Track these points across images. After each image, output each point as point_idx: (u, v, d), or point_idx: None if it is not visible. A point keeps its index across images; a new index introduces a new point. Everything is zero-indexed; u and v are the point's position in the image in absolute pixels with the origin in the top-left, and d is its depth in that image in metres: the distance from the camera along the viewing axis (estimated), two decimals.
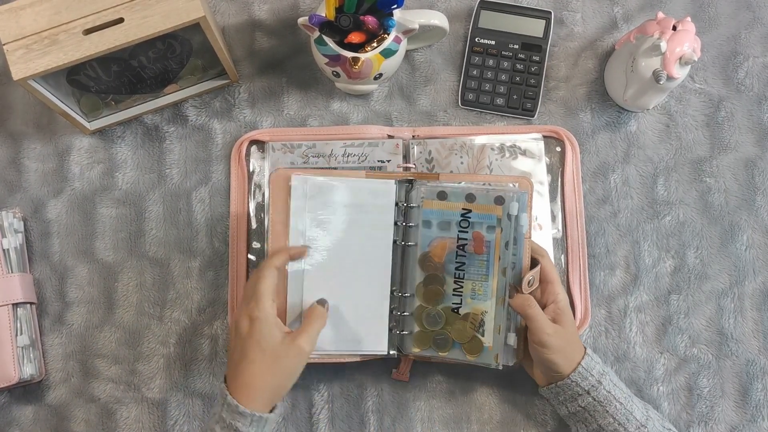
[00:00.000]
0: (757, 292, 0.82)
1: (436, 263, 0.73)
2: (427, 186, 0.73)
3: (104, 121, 0.83)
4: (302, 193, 0.72)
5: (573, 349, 0.70)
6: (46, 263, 0.81)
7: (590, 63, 0.87)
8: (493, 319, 0.72)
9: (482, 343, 0.72)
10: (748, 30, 0.88)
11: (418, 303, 0.74)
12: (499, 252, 0.72)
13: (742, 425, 0.79)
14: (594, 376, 0.69)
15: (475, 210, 0.72)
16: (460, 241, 0.73)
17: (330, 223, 0.73)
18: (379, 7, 0.74)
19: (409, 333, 0.74)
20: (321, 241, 0.73)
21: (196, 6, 0.69)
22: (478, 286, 0.73)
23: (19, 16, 0.69)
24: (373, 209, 0.73)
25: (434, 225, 0.73)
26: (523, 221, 0.71)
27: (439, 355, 0.74)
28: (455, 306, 0.73)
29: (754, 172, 0.84)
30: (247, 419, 0.62)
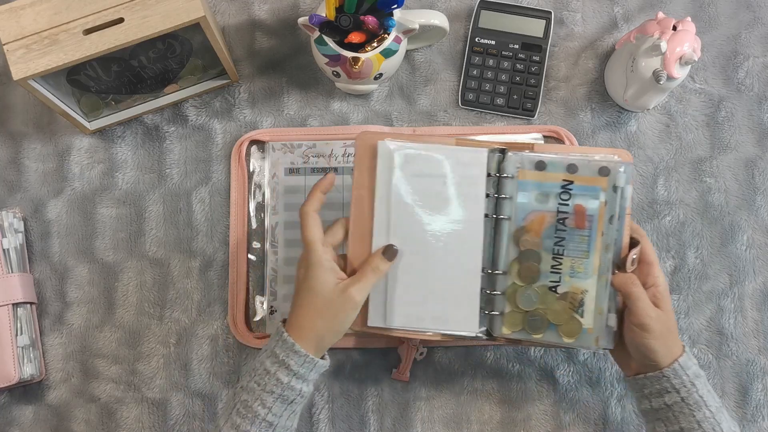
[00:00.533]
0: (757, 292, 0.82)
1: (532, 238, 0.68)
2: (524, 155, 0.68)
3: (104, 121, 0.83)
4: (389, 160, 0.67)
5: (672, 341, 0.66)
6: (46, 263, 0.81)
7: (590, 63, 0.87)
8: (594, 299, 0.67)
9: (581, 325, 0.67)
10: (749, 30, 0.88)
11: (511, 281, 0.69)
12: (603, 227, 0.67)
13: (743, 425, 0.79)
14: (689, 376, 0.65)
15: (578, 182, 0.67)
16: (560, 215, 0.67)
17: (418, 193, 0.67)
18: (379, 7, 0.74)
19: (500, 313, 0.69)
20: (408, 211, 0.68)
21: (196, 6, 0.69)
22: (578, 263, 0.67)
23: (19, 15, 0.69)
24: (463, 180, 0.68)
25: (531, 197, 0.68)
26: (628, 194, 0.67)
27: (532, 338, 0.68)
28: (553, 285, 0.68)
29: (754, 172, 0.84)
30: (301, 358, 0.63)
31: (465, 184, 0.68)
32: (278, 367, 0.64)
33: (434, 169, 0.68)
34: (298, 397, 0.64)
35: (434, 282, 0.69)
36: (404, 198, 0.68)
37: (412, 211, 0.68)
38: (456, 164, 0.68)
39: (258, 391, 0.63)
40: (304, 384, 0.64)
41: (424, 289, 0.69)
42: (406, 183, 0.68)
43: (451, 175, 0.68)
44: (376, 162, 0.67)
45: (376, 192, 0.68)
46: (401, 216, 0.68)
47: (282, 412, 0.64)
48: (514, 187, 0.68)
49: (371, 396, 0.79)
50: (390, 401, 0.79)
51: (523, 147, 0.69)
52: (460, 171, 0.68)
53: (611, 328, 0.67)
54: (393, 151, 0.67)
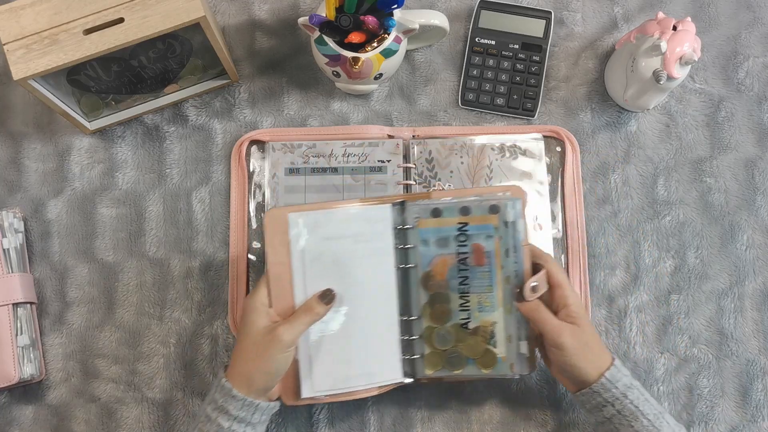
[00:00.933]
0: (758, 292, 0.82)
1: (439, 281, 0.71)
2: (420, 205, 0.71)
3: (104, 121, 0.83)
4: (299, 231, 0.69)
5: (596, 355, 0.68)
6: (46, 263, 0.81)
7: (590, 63, 0.87)
8: (503, 329, 0.71)
9: (496, 355, 0.71)
10: (749, 30, 0.88)
11: (426, 324, 0.72)
12: (501, 260, 0.70)
13: (743, 425, 0.79)
14: (619, 388, 0.67)
15: (472, 222, 0.71)
16: (460, 256, 0.71)
17: (331, 256, 0.70)
18: (380, 7, 0.74)
19: (420, 356, 0.72)
20: (324, 275, 0.70)
21: (196, 6, 0.69)
22: (484, 298, 0.71)
23: (19, 15, 0.69)
24: (371, 236, 0.71)
25: (432, 243, 0.71)
26: (520, 227, 0.70)
27: (453, 374, 0.72)
28: (464, 321, 0.71)
29: (754, 172, 0.84)
30: (239, 402, 0.64)
31: (374, 240, 0.71)
32: (218, 413, 0.64)
33: (344, 231, 0.70)
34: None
35: (355, 339, 0.71)
36: (319, 263, 0.70)
37: (328, 274, 0.70)
38: (364, 223, 0.71)
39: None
40: (248, 427, 0.65)
41: (346, 348, 0.71)
42: (319, 248, 0.70)
43: (360, 234, 0.71)
44: (287, 236, 0.69)
45: (293, 264, 0.69)
46: (318, 281, 0.69)
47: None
48: (415, 236, 0.71)
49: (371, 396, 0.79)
50: (390, 401, 0.79)
51: (420, 197, 0.72)
52: (368, 228, 0.71)
53: (524, 354, 0.71)
54: (302, 221, 0.69)
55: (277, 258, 0.69)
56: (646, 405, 0.67)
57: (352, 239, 0.70)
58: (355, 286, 0.71)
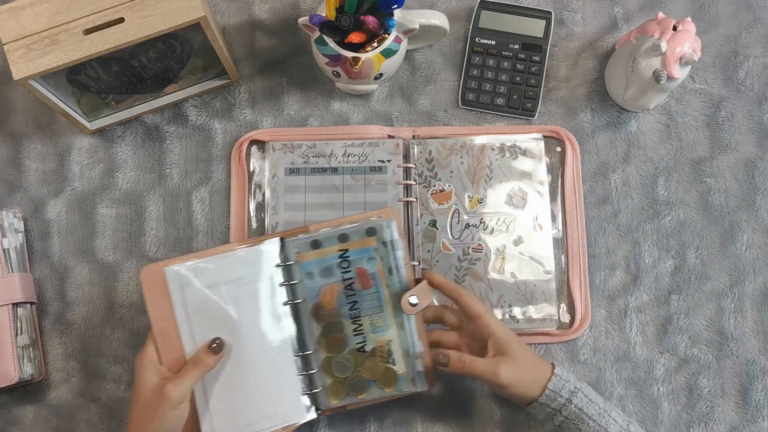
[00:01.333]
0: (758, 292, 0.82)
1: (329, 310, 0.72)
2: (299, 240, 0.71)
3: (104, 121, 0.83)
4: (179, 285, 0.68)
5: (535, 373, 0.69)
6: (46, 263, 0.81)
7: (590, 63, 0.87)
8: (399, 345, 0.72)
9: (396, 372, 0.72)
10: (749, 30, 0.88)
11: (323, 355, 0.72)
12: (386, 280, 0.71)
13: (743, 425, 0.79)
14: (564, 395, 0.68)
15: (351, 248, 0.71)
16: (346, 282, 0.71)
17: (216, 303, 0.69)
18: (380, 7, 0.74)
19: (322, 388, 0.72)
20: (212, 324, 0.69)
21: (197, 6, 0.69)
22: (376, 318, 0.72)
23: (19, 15, 0.69)
24: (253, 278, 0.70)
25: (317, 275, 0.71)
26: (398, 245, 0.71)
27: (358, 399, 0.72)
28: (360, 345, 0.72)
29: (754, 172, 0.84)
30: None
31: (257, 282, 0.70)
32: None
33: (225, 276, 0.69)
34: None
35: (252, 383, 0.70)
36: (204, 313, 0.69)
37: (215, 323, 0.69)
38: (244, 266, 0.70)
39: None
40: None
41: (243, 393, 0.69)
42: (202, 298, 0.69)
43: (242, 277, 0.70)
44: (168, 290, 0.68)
45: (177, 318, 0.68)
46: (206, 331, 0.68)
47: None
48: (299, 271, 0.71)
49: None
50: (390, 401, 0.79)
51: (297, 232, 0.72)
52: (250, 270, 0.70)
53: (421, 372, 0.72)
54: (181, 272, 0.68)
55: (160, 313, 0.68)
56: (590, 406, 0.68)
57: (235, 284, 0.69)
58: (245, 330, 0.69)
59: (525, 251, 0.81)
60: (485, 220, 0.82)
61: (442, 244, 0.81)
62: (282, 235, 0.72)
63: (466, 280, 0.80)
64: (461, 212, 0.82)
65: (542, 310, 0.80)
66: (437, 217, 0.82)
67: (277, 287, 0.71)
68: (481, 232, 0.81)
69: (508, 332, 0.70)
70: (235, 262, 0.70)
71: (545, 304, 0.80)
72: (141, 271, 0.68)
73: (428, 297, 0.72)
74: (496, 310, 0.80)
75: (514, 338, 0.70)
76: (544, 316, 0.80)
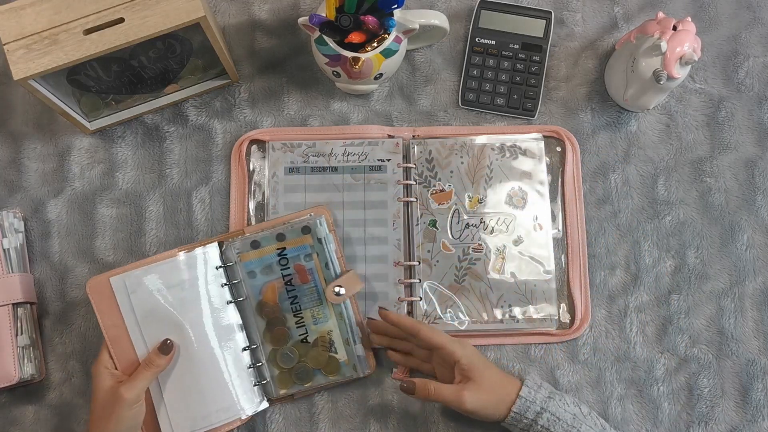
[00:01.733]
0: (758, 292, 0.82)
1: (272, 306, 0.76)
2: (239, 241, 0.76)
3: (104, 121, 0.83)
4: (125, 293, 0.74)
5: (501, 395, 0.70)
6: (46, 263, 0.81)
7: (590, 63, 0.87)
8: (339, 335, 0.76)
9: (338, 360, 0.76)
10: (749, 30, 0.88)
11: (269, 348, 0.76)
12: (323, 274, 0.76)
13: (743, 425, 0.79)
14: (537, 403, 0.70)
15: (289, 246, 0.76)
16: (286, 278, 0.76)
17: (163, 307, 0.74)
18: (380, 7, 0.74)
19: (270, 379, 0.76)
20: (161, 327, 0.73)
21: (197, 6, 0.69)
22: (317, 311, 0.76)
23: (19, 15, 0.69)
24: (194, 281, 0.74)
25: (258, 273, 0.76)
26: (330, 240, 0.76)
27: (305, 387, 0.76)
28: (302, 336, 0.76)
29: (754, 172, 0.84)
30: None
31: (203, 283, 0.75)
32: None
33: (169, 281, 0.74)
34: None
35: (205, 379, 0.74)
36: (152, 317, 0.74)
37: (164, 326, 0.73)
38: (187, 269, 0.75)
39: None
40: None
41: (197, 389, 0.74)
42: (149, 304, 0.74)
43: (186, 281, 0.75)
44: (115, 299, 0.73)
45: (127, 324, 0.73)
46: (156, 334, 0.73)
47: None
48: (241, 270, 0.76)
49: (373, 396, 0.79)
50: (392, 401, 0.79)
51: (234, 234, 0.77)
52: (193, 273, 0.75)
53: (361, 356, 0.77)
54: (125, 282, 0.74)
55: (111, 321, 0.73)
56: (565, 413, 0.70)
57: (179, 287, 0.74)
58: (194, 330, 0.74)
59: (525, 251, 0.81)
60: (485, 220, 0.82)
61: (442, 244, 0.81)
62: (220, 238, 0.77)
63: (466, 280, 0.80)
64: (461, 212, 0.82)
65: (542, 310, 0.80)
66: (437, 217, 0.82)
67: (220, 288, 0.76)
68: (481, 232, 0.81)
69: (472, 357, 0.71)
70: (177, 267, 0.75)
71: (545, 304, 0.80)
72: (87, 284, 0.73)
73: (355, 286, 0.76)
74: (496, 310, 0.80)
75: (480, 362, 0.72)
76: (544, 316, 0.80)
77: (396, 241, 0.80)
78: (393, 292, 0.80)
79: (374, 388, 0.79)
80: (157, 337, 0.73)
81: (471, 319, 0.79)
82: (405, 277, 0.80)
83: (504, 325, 0.80)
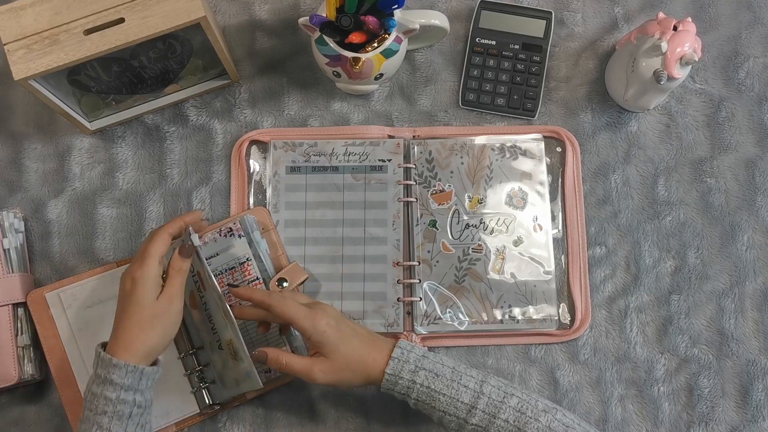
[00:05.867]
0: (758, 292, 0.82)
1: (194, 312, 0.76)
2: None
3: (105, 121, 0.83)
4: (61, 308, 0.76)
5: (364, 363, 0.67)
6: (46, 263, 0.81)
7: (591, 63, 0.87)
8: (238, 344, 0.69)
9: (242, 369, 0.70)
10: (749, 30, 0.88)
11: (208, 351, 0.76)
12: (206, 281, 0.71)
13: (743, 425, 0.79)
14: (411, 362, 0.66)
15: None
16: (197, 284, 0.75)
17: (96, 321, 0.75)
18: (380, 8, 0.74)
19: (212, 381, 0.76)
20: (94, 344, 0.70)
21: (197, 6, 0.69)
22: (217, 317, 0.73)
23: (19, 16, 0.69)
24: None
25: None
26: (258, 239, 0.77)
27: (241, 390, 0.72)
28: (218, 343, 0.74)
29: (754, 172, 0.84)
30: (122, 370, 0.63)
31: None
32: (103, 386, 0.63)
33: (102, 295, 0.77)
34: (135, 408, 0.64)
35: None
36: (87, 331, 0.76)
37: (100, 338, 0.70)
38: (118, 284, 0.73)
39: (92, 417, 0.63)
40: (137, 394, 0.64)
41: None
42: (83, 318, 0.76)
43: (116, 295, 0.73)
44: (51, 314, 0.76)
45: (61, 336, 0.76)
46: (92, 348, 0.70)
47: (124, 429, 0.64)
48: None
49: (374, 396, 0.79)
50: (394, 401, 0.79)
51: None
52: None
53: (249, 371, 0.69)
54: (60, 297, 0.76)
55: (49, 332, 0.76)
56: (437, 381, 0.66)
57: (113, 300, 0.71)
58: None
59: (525, 251, 0.81)
60: (485, 221, 0.82)
61: (442, 245, 0.81)
62: None
63: (465, 280, 0.80)
64: (461, 212, 0.82)
65: (542, 311, 0.80)
66: (437, 218, 0.82)
67: None
68: (481, 232, 0.81)
69: (325, 333, 0.67)
70: (111, 281, 0.76)
71: (545, 304, 0.80)
72: (27, 297, 0.76)
73: (298, 276, 0.76)
74: (496, 311, 0.80)
75: (335, 337, 0.67)
76: (544, 316, 0.80)
77: (395, 241, 0.81)
78: (392, 292, 0.80)
79: (376, 388, 0.79)
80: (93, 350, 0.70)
81: (471, 319, 0.79)
82: (404, 278, 0.80)
83: (504, 325, 0.80)
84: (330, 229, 0.81)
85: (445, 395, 0.65)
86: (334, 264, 0.80)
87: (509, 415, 0.64)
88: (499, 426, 0.64)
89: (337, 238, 0.81)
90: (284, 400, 0.78)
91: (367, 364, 0.67)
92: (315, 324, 0.67)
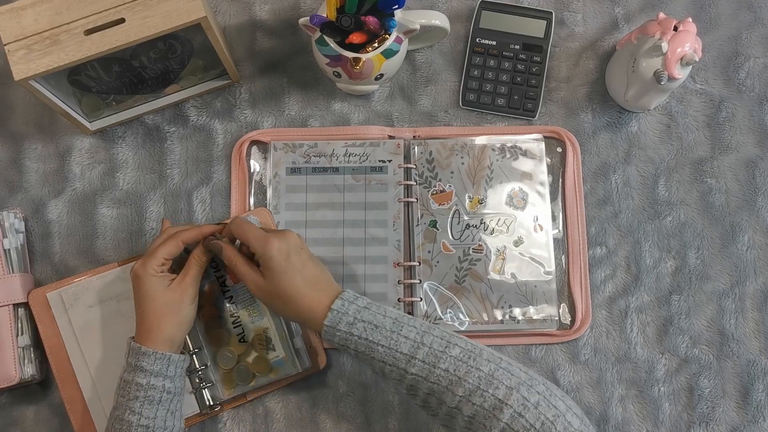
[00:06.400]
0: (758, 292, 0.82)
1: (209, 309, 0.76)
2: None
3: (105, 122, 0.83)
4: (62, 307, 0.76)
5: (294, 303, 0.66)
6: (47, 263, 0.81)
7: (591, 63, 0.87)
8: (275, 332, 0.76)
9: (278, 357, 0.75)
10: (749, 30, 0.88)
11: (211, 351, 0.76)
12: None
13: (743, 426, 0.79)
14: (350, 314, 0.65)
15: None
16: (220, 280, 0.76)
17: (98, 321, 0.76)
18: (380, 8, 0.74)
19: (214, 382, 0.76)
20: (96, 339, 0.75)
21: (197, 6, 0.69)
22: (252, 309, 0.76)
23: (20, 16, 0.69)
24: (129, 294, 0.73)
25: None
26: None
27: (250, 387, 0.76)
28: (240, 336, 0.76)
29: (755, 172, 0.84)
30: (151, 357, 0.67)
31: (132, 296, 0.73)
32: (134, 373, 0.67)
33: (104, 295, 0.77)
34: (165, 394, 0.67)
35: None
36: (89, 330, 0.76)
37: (101, 338, 0.74)
38: (120, 282, 0.77)
39: (124, 403, 0.67)
40: (166, 380, 0.67)
41: None
42: (85, 318, 0.76)
43: (120, 293, 0.76)
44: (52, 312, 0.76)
45: (63, 335, 0.76)
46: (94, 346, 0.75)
47: (155, 413, 0.67)
48: None
49: (375, 396, 0.79)
50: (395, 401, 0.79)
51: None
52: (127, 285, 0.73)
53: (300, 349, 0.76)
54: (61, 297, 0.76)
55: (50, 332, 0.76)
56: (375, 333, 0.64)
57: (115, 300, 0.76)
58: None
59: (525, 252, 0.81)
60: (486, 221, 0.82)
61: (442, 245, 0.81)
62: None
63: (466, 280, 0.80)
64: (462, 213, 0.82)
65: (543, 311, 0.80)
66: (438, 218, 0.82)
67: None
68: (481, 232, 0.81)
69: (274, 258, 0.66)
70: (112, 281, 0.77)
71: (546, 304, 0.80)
72: (29, 296, 0.76)
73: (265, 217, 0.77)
74: (497, 311, 0.80)
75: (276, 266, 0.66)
76: (544, 316, 0.80)
77: (396, 242, 0.81)
78: (393, 292, 0.80)
79: (377, 388, 0.79)
80: (95, 349, 0.76)
81: (471, 319, 0.79)
82: (405, 278, 0.80)
83: (504, 325, 0.80)
84: (330, 230, 0.81)
85: (383, 346, 0.64)
86: (334, 265, 0.80)
87: (449, 365, 0.62)
88: (439, 375, 0.62)
89: (337, 239, 0.81)
90: (284, 401, 0.78)
91: (301, 304, 0.67)
92: (265, 248, 0.67)
